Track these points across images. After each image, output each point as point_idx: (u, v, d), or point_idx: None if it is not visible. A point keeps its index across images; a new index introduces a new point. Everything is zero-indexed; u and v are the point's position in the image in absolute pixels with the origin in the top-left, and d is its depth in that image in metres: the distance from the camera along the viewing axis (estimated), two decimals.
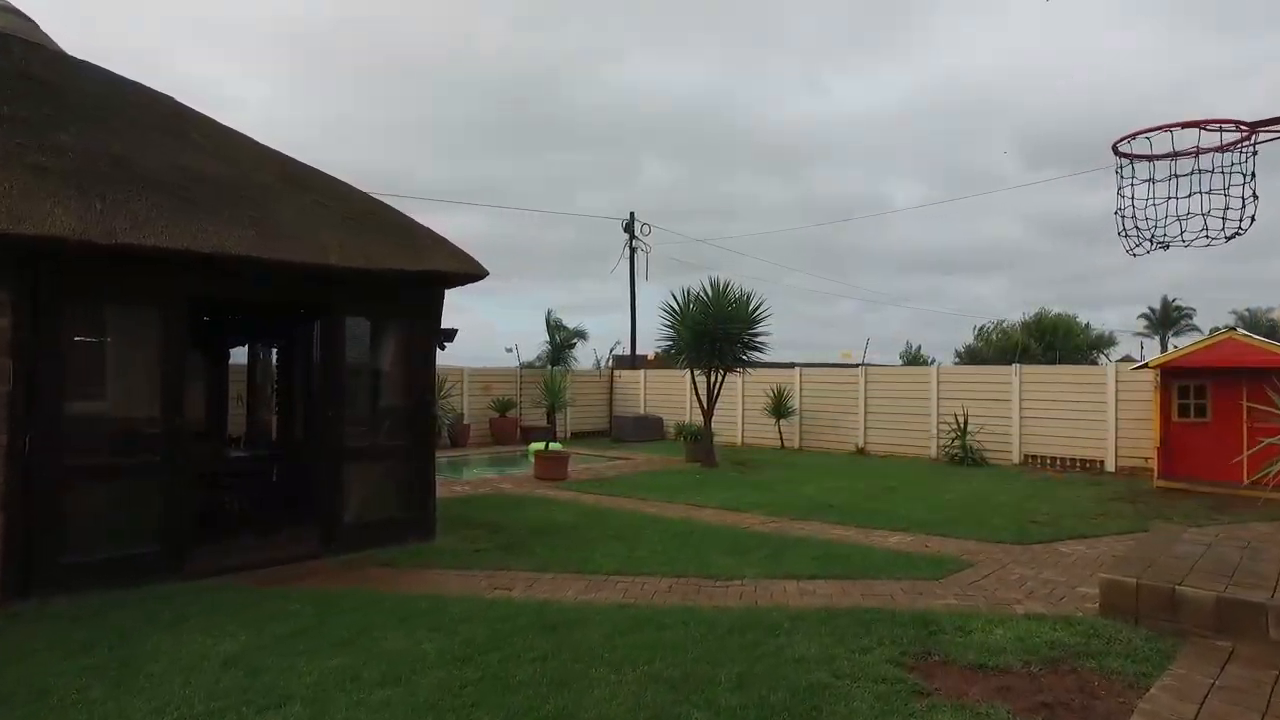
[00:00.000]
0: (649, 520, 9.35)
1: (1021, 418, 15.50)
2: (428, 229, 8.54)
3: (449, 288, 8.76)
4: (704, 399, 15.03)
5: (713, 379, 14.97)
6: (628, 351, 26.44)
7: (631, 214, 24.34)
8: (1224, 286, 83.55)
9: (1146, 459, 13.70)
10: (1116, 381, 14.25)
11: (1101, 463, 14.39)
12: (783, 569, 6.93)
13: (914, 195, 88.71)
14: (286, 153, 8.47)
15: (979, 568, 6.96)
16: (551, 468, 13.50)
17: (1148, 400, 13.62)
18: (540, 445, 18.42)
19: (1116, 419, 14.22)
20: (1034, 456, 15.32)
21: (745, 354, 14.82)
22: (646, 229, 24.28)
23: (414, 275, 7.80)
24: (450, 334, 8.69)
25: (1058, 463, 14.99)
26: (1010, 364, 16.34)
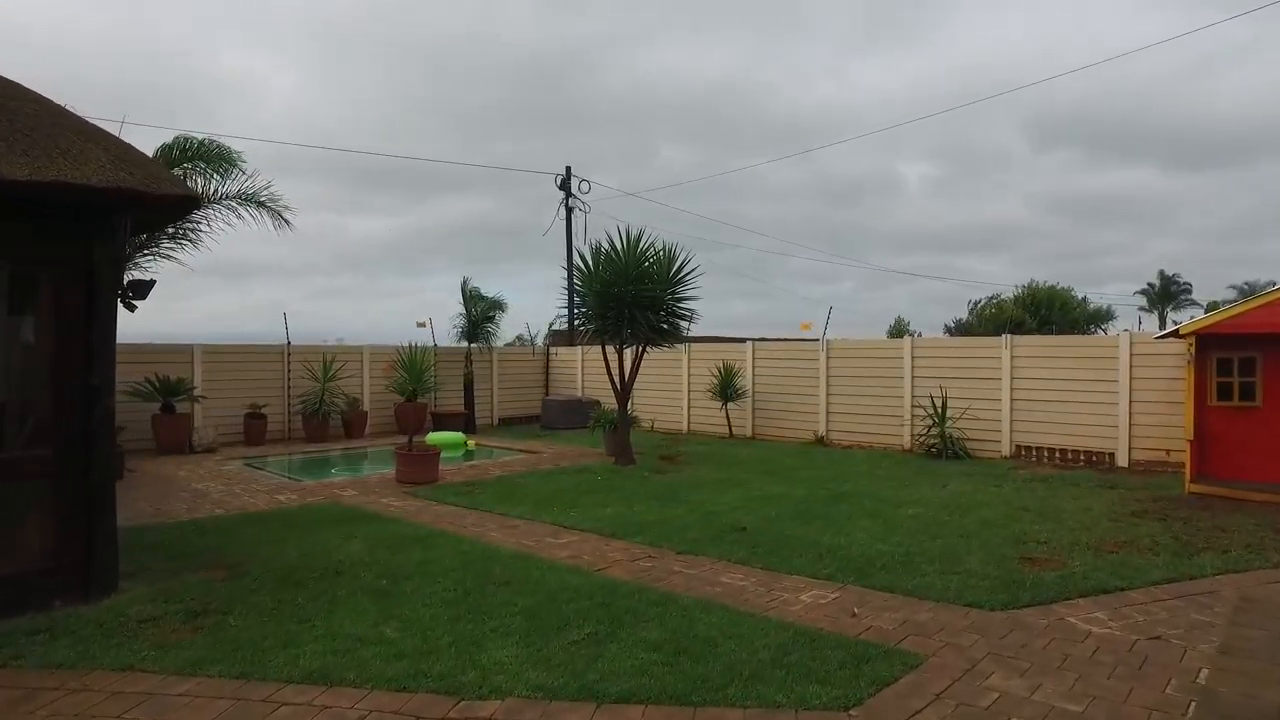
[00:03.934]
0: (470, 556, 6.45)
1: (1013, 400, 12.59)
2: (100, 130, 5.54)
3: (150, 227, 5.80)
4: (617, 379, 12.07)
5: (634, 353, 12.00)
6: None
7: (568, 169, 21.19)
8: (1221, 264, 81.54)
9: (1169, 452, 10.84)
10: (1132, 355, 11.33)
11: (1111, 456, 11.50)
12: (593, 672, 4.01)
13: (923, 175, 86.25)
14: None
15: (930, 670, 4.03)
16: (415, 469, 10.57)
17: (1172, 378, 10.72)
18: (442, 436, 15.57)
19: (1131, 401, 11.32)
20: (1027, 448, 12.43)
21: (668, 322, 11.83)
22: (585, 186, 21.18)
23: (39, 191, 4.80)
24: (142, 287, 5.74)
25: (1056, 455, 12.10)
26: (1000, 335, 13.41)
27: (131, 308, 5.84)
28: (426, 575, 5.88)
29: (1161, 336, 10.21)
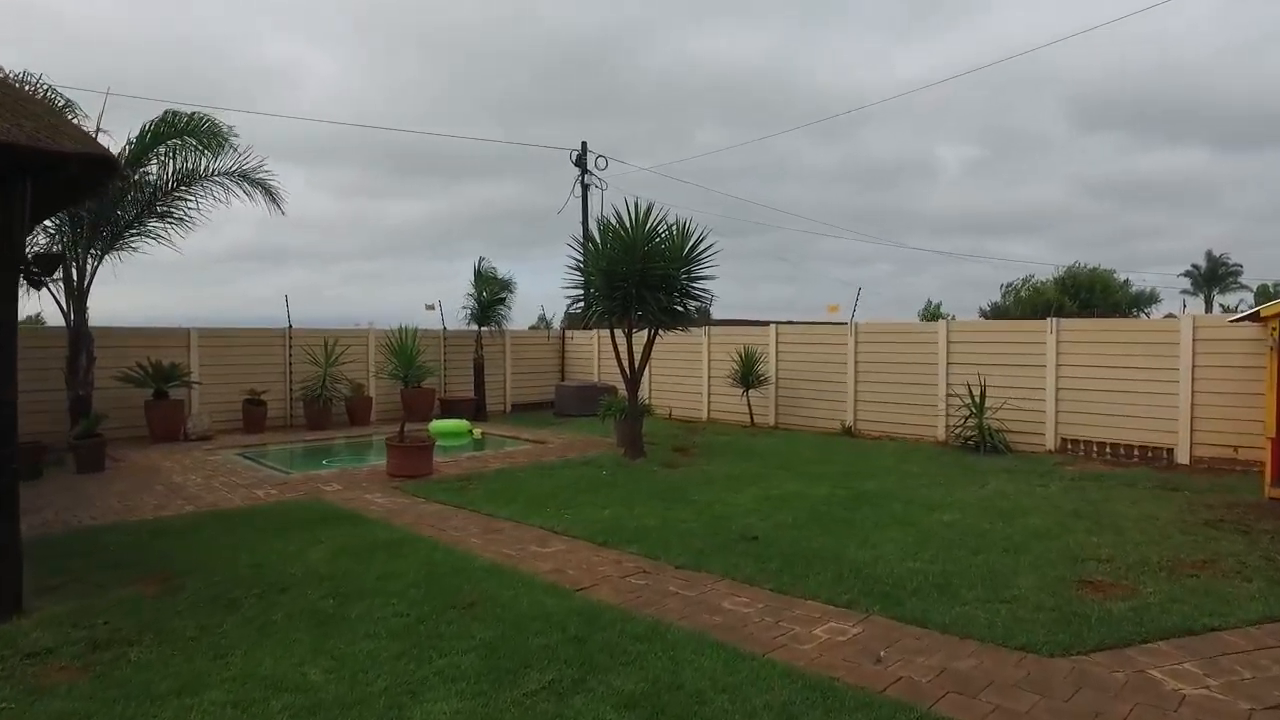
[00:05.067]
0: (439, 569, 5.66)
1: (1058, 389, 11.52)
2: None
3: (67, 196, 5.04)
4: (626, 365, 11.20)
5: (646, 337, 11.11)
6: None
7: (584, 144, 20.19)
8: (1271, 247, 78.52)
9: (1237, 449, 9.75)
10: (1195, 340, 10.21)
11: (1170, 452, 10.41)
12: None
13: (961, 158, 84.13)
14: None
15: None
16: (406, 462, 9.83)
17: (1244, 366, 9.62)
18: (445, 424, 14.85)
19: (1194, 392, 10.21)
20: (1075, 441, 11.36)
21: (680, 304, 10.92)
22: (602, 162, 20.22)
23: None
24: (50, 261, 5.03)
25: (1107, 450, 11.03)
26: (1044, 318, 12.31)
27: (39, 285, 5.10)
28: (383, 594, 5.10)
29: (1236, 320, 9.10)
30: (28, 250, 5.50)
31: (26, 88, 10.29)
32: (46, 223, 11.23)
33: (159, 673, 3.88)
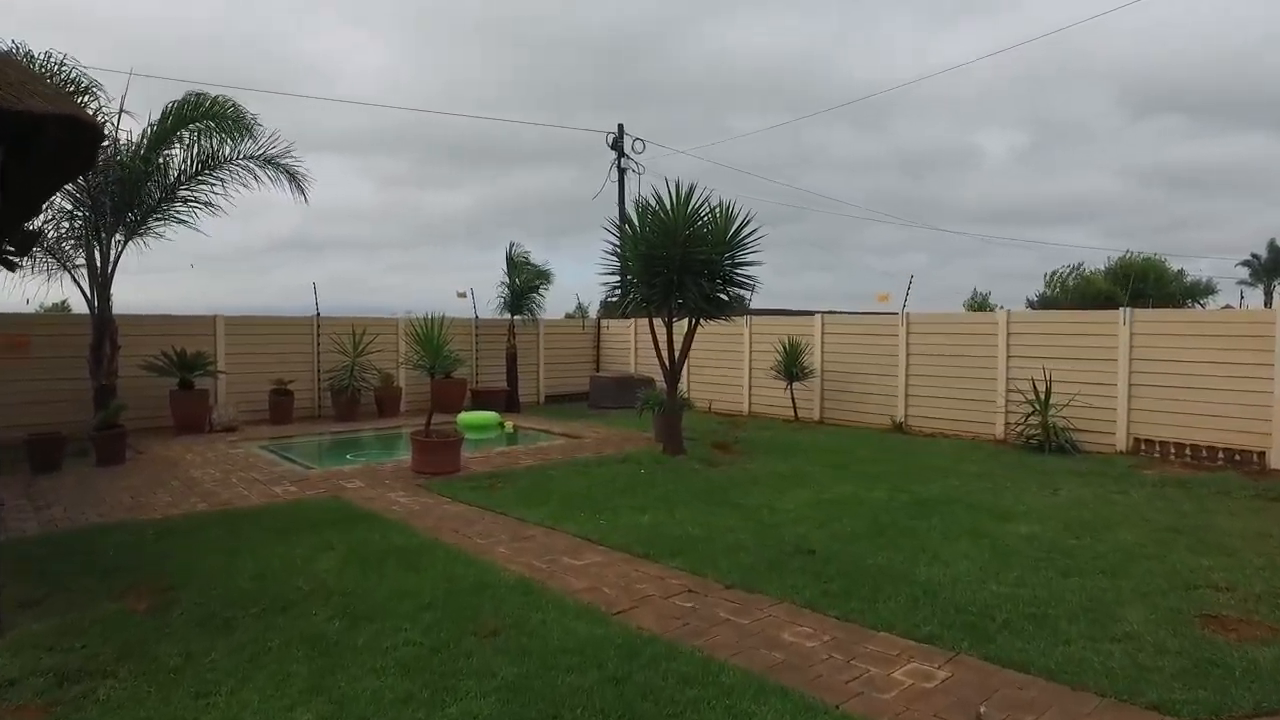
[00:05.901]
0: (459, 585, 5.08)
1: (1131, 385, 10.62)
2: None
3: (63, 168, 4.50)
4: (665, 357, 10.53)
5: (686, 327, 10.44)
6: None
7: (620, 126, 19.51)
8: None
9: None
10: None
11: (1262, 455, 9.48)
12: None
13: (1007, 146, 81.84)
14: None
15: None
16: (432, 458, 9.30)
17: None
18: (474, 416, 14.35)
19: None
20: (1149, 442, 10.46)
21: (724, 291, 10.21)
22: (640, 145, 19.52)
23: None
24: (25, 238, 4.44)
25: (1186, 452, 10.12)
26: (1096, 308, 11.38)
27: (12, 266, 4.60)
28: (395, 614, 4.52)
29: None
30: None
31: (45, 66, 9.92)
32: (66, 205, 10.90)
33: (128, 716, 3.33)
